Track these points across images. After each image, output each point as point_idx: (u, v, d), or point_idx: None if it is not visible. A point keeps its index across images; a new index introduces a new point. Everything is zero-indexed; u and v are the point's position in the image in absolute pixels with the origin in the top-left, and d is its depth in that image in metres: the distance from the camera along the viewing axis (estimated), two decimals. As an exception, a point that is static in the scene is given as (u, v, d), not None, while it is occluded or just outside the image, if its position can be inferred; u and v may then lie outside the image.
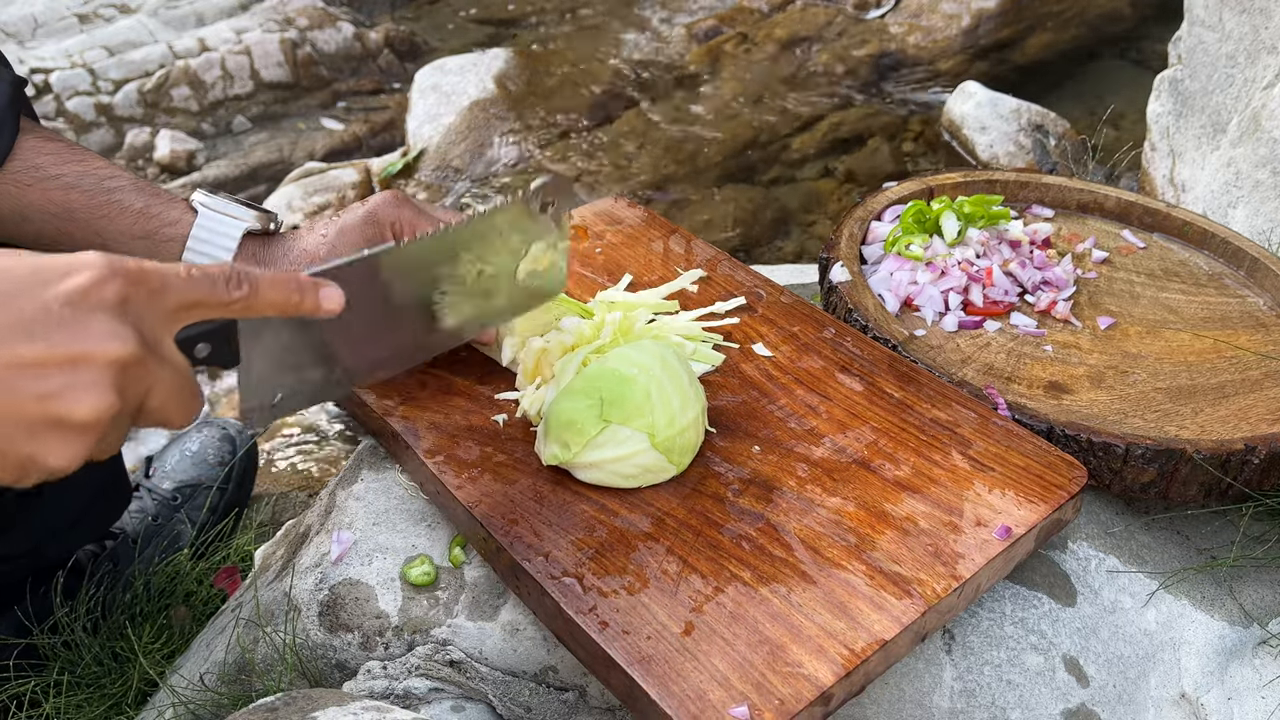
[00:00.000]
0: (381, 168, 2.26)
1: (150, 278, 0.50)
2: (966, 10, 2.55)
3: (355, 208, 0.80)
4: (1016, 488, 0.74)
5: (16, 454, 0.47)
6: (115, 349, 0.47)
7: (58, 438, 0.47)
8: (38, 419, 0.46)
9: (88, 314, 0.47)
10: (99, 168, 0.78)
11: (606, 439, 0.71)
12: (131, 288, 0.49)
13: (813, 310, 0.92)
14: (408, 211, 0.78)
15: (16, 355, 0.45)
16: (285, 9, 2.73)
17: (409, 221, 0.78)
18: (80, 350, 0.46)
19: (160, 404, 0.52)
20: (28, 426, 0.46)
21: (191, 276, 0.52)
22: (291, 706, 0.65)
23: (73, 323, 0.46)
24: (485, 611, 0.75)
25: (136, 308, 0.49)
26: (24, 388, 0.46)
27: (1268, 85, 1.39)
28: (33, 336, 0.46)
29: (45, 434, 0.47)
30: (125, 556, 1.14)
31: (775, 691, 0.60)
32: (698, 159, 2.25)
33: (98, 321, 0.47)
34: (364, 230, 0.78)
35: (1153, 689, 0.77)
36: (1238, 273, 1.06)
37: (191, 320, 0.53)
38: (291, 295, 0.57)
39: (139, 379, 0.49)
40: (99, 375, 0.47)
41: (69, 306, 0.47)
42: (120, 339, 0.47)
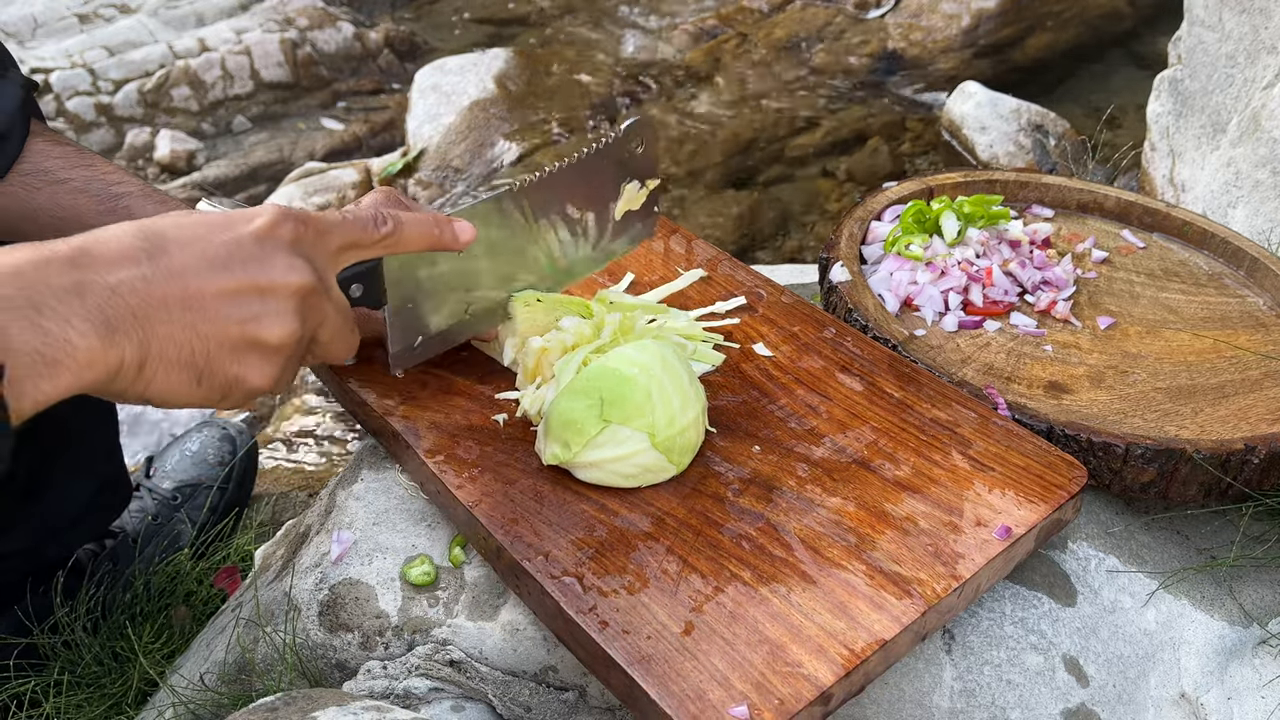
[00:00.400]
0: (381, 168, 2.26)
1: (314, 221, 0.58)
2: (966, 10, 2.55)
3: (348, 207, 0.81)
4: (1016, 488, 0.74)
5: (224, 373, 0.53)
6: (296, 279, 0.55)
7: (256, 358, 0.54)
8: (239, 341, 0.53)
9: (272, 250, 0.55)
10: (107, 173, 0.80)
11: (607, 439, 0.71)
12: (302, 228, 0.57)
13: (813, 310, 0.92)
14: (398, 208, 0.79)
15: (220, 285, 0.52)
16: (285, 9, 2.73)
17: None
18: (269, 280, 0.54)
19: (329, 337, 0.60)
20: (231, 348, 0.53)
21: (346, 219, 0.60)
22: (291, 706, 0.65)
23: (261, 257, 0.54)
24: (485, 611, 0.76)
25: (307, 246, 0.57)
26: (228, 313, 0.53)
27: (1268, 85, 1.39)
28: (231, 269, 0.53)
29: (246, 355, 0.54)
30: (125, 556, 1.14)
31: (775, 691, 0.60)
32: (697, 159, 2.25)
33: (280, 256, 0.55)
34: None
35: (1153, 689, 0.77)
36: (1237, 272, 1.06)
37: (350, 261, 0.61)
38: (430, 230, 0.65)
39: (315, 309, 0.57)
40: (285, 303, 0.55)
41: (256, 244, 0.54)
42: (299, 271, 0.55)
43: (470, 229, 0.68)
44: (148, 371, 0.51)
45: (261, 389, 0.55)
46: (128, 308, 0.49)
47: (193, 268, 0.52)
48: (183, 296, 0.51)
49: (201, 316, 0.52)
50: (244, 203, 0.84)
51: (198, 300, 0.52)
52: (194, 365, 0.52)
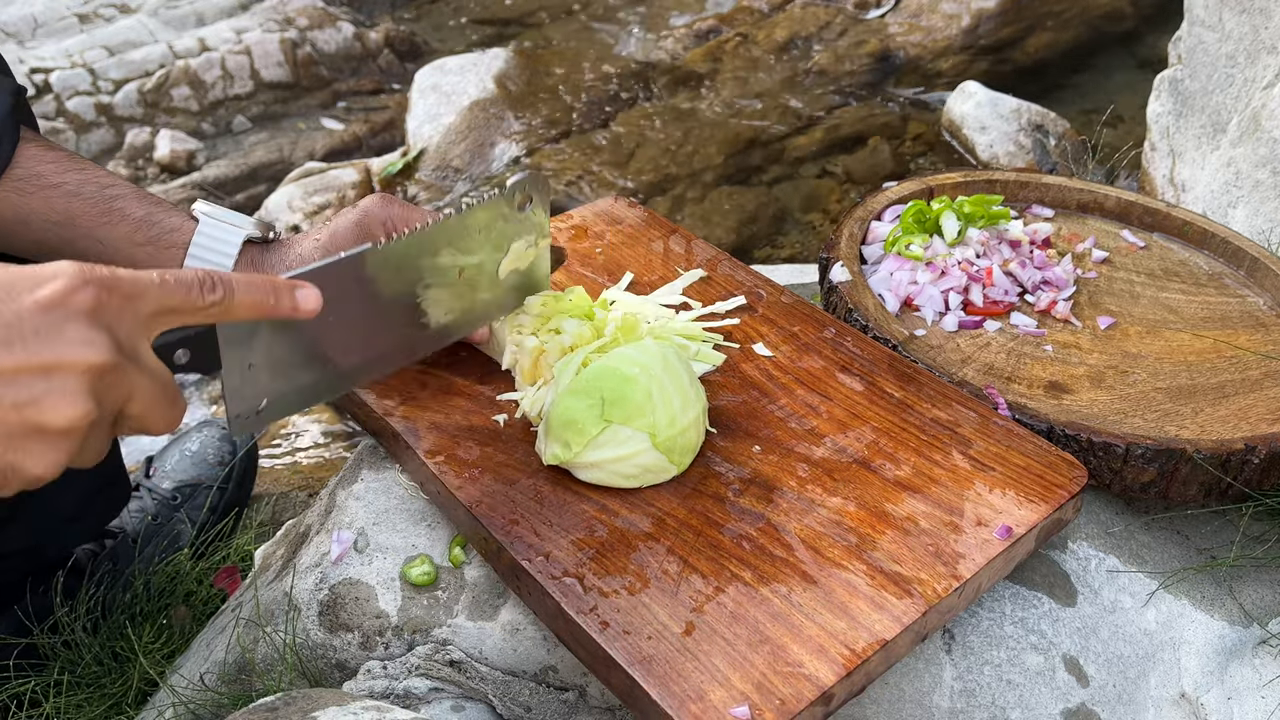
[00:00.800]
0: (381, 168, 2.26)
1: (123, 284, 0.50)
2: (966, 10, 2.55)
3: (347, 211, 0.81)
4: (1017, 488, 0.74)
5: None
6: (89, 355, 0.48)
7: (36, 445, 0.48)
8: (15, 427, 0.47)
9: (61, 322, 0.47)
10: (100, 176, 0.79)
11: (607, 439, 0.71)
12: (104, 295, 0.49)
13: (813, 310, 0.92)
14: (397, 210, 0.79)
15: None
16: (285, 9, 2.73)
17: (399, 220, 0.79)
18: (54, 358, 0.47)
19: (141, 411, 0.52)
20: (5, 435, 0.47)
21: (165, 282, 0.52)
22: (291, 706, 0.65)
23: (46, 331, 0.47)
24: (485, 611, 0.75)
25: (110, 315, 0.49)
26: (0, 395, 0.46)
27: (1268, 85, 1.39)
28: (8, 345, 0.46)
29: (24, 442, 0.47)
30: (125, 556, 1.14)
31: (776, 691, 0.60)
32: (697, 159, 2.25)
33: (71, 329, 0.47)
34: (356, 232, 0.79)
35: (1153, 689, 0.77)
36: (1238, 272, 1.06)
37: (167, 326, 0.54)
38: (267, 298, 0.57)
39: (115, 385, 0.50)
40: (74, 382, 0.47)
41: (42, 315, 0.47)
42: (94, 345, 0.48)
43: (315, 296, 0.59)
44: None
45: (44, 477, 0.49)
46: None
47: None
48: None
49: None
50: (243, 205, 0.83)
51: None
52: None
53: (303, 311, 0.59)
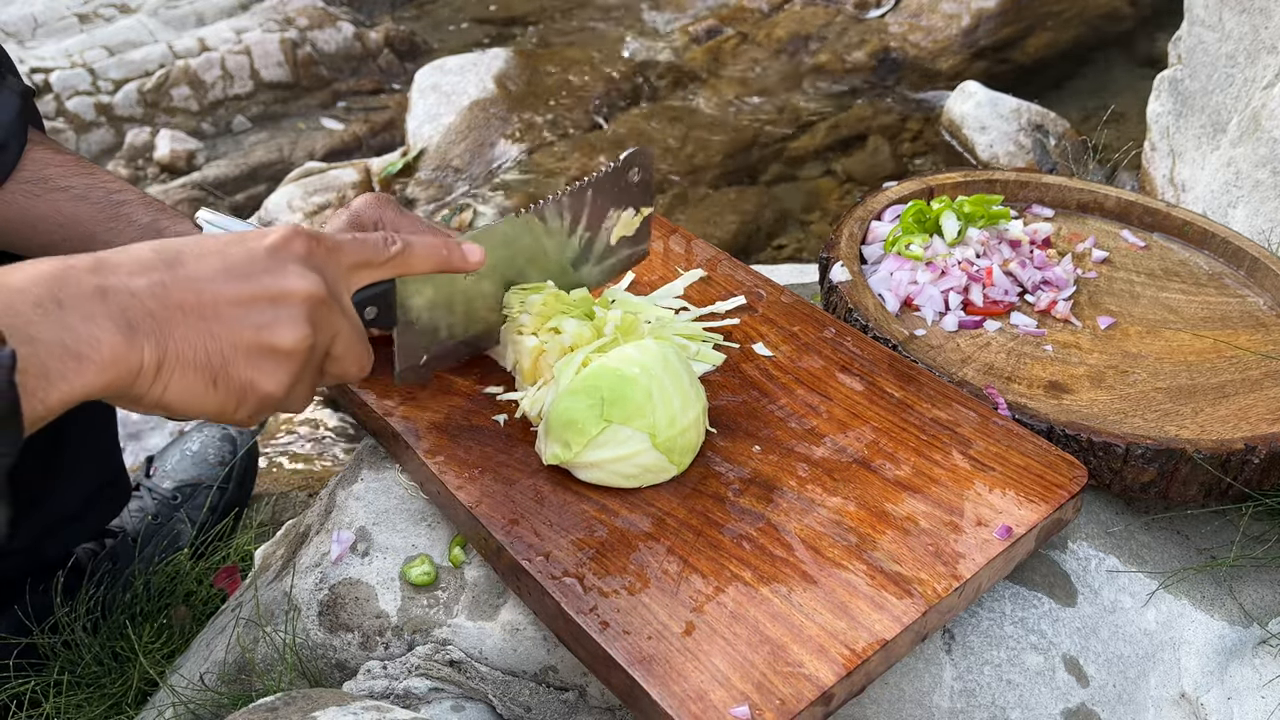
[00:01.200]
0: (381, 167, 2.26)
1: (326, 238, 0.61)
2: (966, 10, 2.55)
3: (340, 212, 0.82)
4: (1017, 487, 0.74)
5: (239, 377, 0.56)
6: (307, 287, 0.57)
7: (269, 363, 0.56)
8: (253, 346, 0.56)
9: (284, 261, 0.57)
10: (107, 181, 0.80)
11: (607, 439, 0.71)
12: (314, 244, 0.59)
13: (813, 310, 0.92)
14: (390, 212, 0.81)
15: (234, 292, 0.55)
16: (285, 9, 2.73)
17: (391, 222, 0.80)
18: (281, 288, 0.57)
19: (342, 352, 0.62)
20: (245, 353, 0.55)
21: (357, 239, 0.63)
22: (291, 706, 0.65)
23: (274, 268, 0.57)
24: (485, 611, 0.75)
25: (319, 260, 0.59)
26: (242, 319, 0.55)
27: (1268, 85, 1.39)
28: (245, 278, 0.56)
29: (259, 360, 0.56)
30: (125, 555, 1.14)
31: (776, 691, 0.60)
32: (697, 159, 2.25)
33: (292, 267, 0.58)
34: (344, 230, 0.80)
35: (1153, 689, 0.77)
36: (1238, 272, 1.06)
37: (362, 282, 0.64)
38: (440, 251, 0.67)
39: (327, 320, 0.59)
40: (298, 310, 0.57)
41: (269, 256, 0.57)
42: (310, 281, 0.58)
43: (479, 251, 0.70)
44: (165, 373, 0.53)
45: (275, 396, 0.57)
46: (146, 310, 0.52)
47: (207, 276, 0.55)
48: (198, 303, 0.54)
49: (216, 321, 0.54)
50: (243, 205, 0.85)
51: (212, 306, 0.54)
52: (209, 368, 0.54)
53: (470, 264, 0.69)
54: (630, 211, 0.86)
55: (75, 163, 0.80)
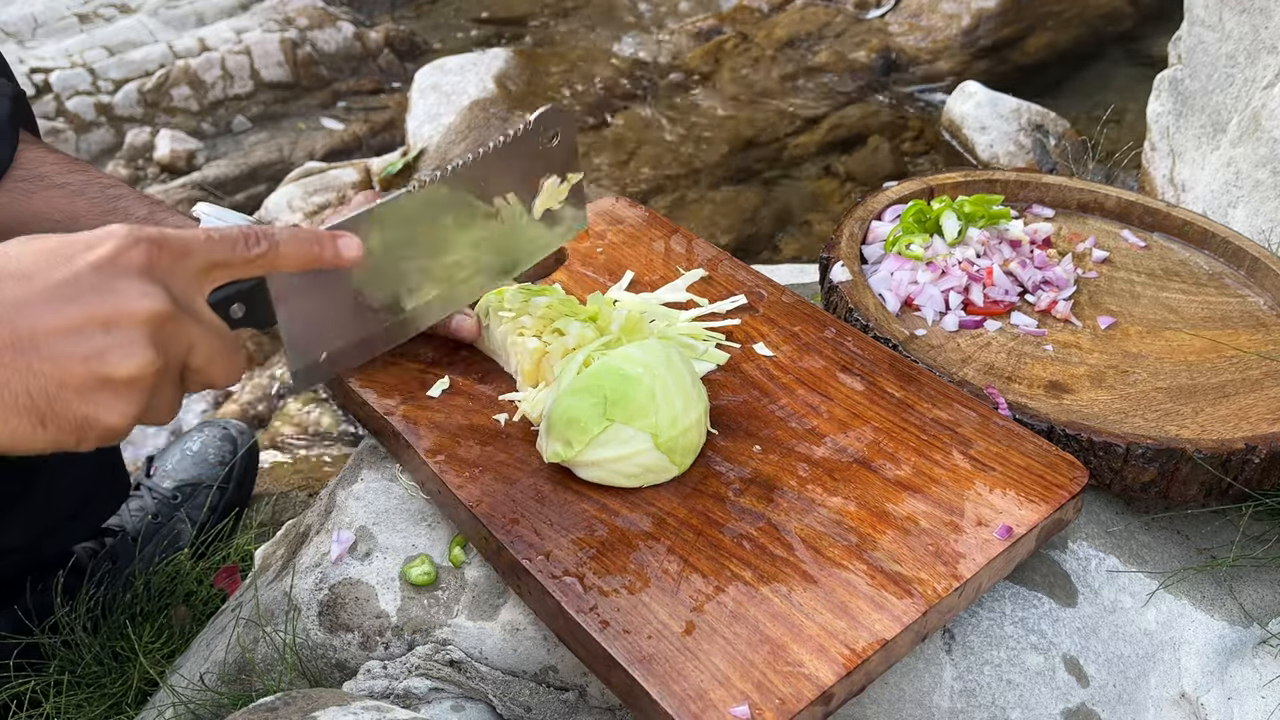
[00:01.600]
0: (381, 167, 2.26)
1: (171, 242, 0.53)
2: (966, 10, 2.55)
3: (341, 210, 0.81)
4: (1017, 487, 0.74)
5: (73, 415, 0.50)
6: (146, 306, 0.50)
7: (108, 396, 0.50)
8: (86, 380, 0.49)
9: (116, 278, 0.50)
10: (102, 178, 0.80)
11: (609, 438, 0.71)
12: (155, 251, 0.52)
13: (814, 310, 0.92)
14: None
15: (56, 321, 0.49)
16: (285, 9, 2.73)
17: None
18: (113, 310, 0.50)
19: (203, 363, 0.55)
20: (77, 388, 0.49)
21: (211, 239, 0.55)
22: (291, 706, 0.65)
23: (103, 287, 0.50)
24: (485, 611, 0.75)
25: (162, 270, 0.52)
26: (67, 351, 0.49)
27: (1268, 85, 1.39)
28: (69, 301, 0.49)
29: (96, 393, 0.50)
30: (125, 555, 1.14)
31: (776, 691, 0.60)
32: (697, 159, 2.25)
33: (126, 284, 0.50)
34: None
35: (1153, 689, 0.77)
36: (1238, 272, 1.06)
37: (218, 282, 0.57)
38: (311, 248, 0.60)
39: (176, 336, 0.53)
40: (135, 333, 0.50)
41: (98, 273, 0.50)
42: (149, 297, 0.51)
43: (355, 244, 0.62)
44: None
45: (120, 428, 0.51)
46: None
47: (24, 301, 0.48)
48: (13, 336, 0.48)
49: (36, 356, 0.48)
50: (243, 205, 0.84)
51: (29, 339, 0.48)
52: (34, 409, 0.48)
53: (345, 259, 0.62)
54: (555, 179, 0.77)
55: (70, 161, 0.80)
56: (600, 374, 0.73)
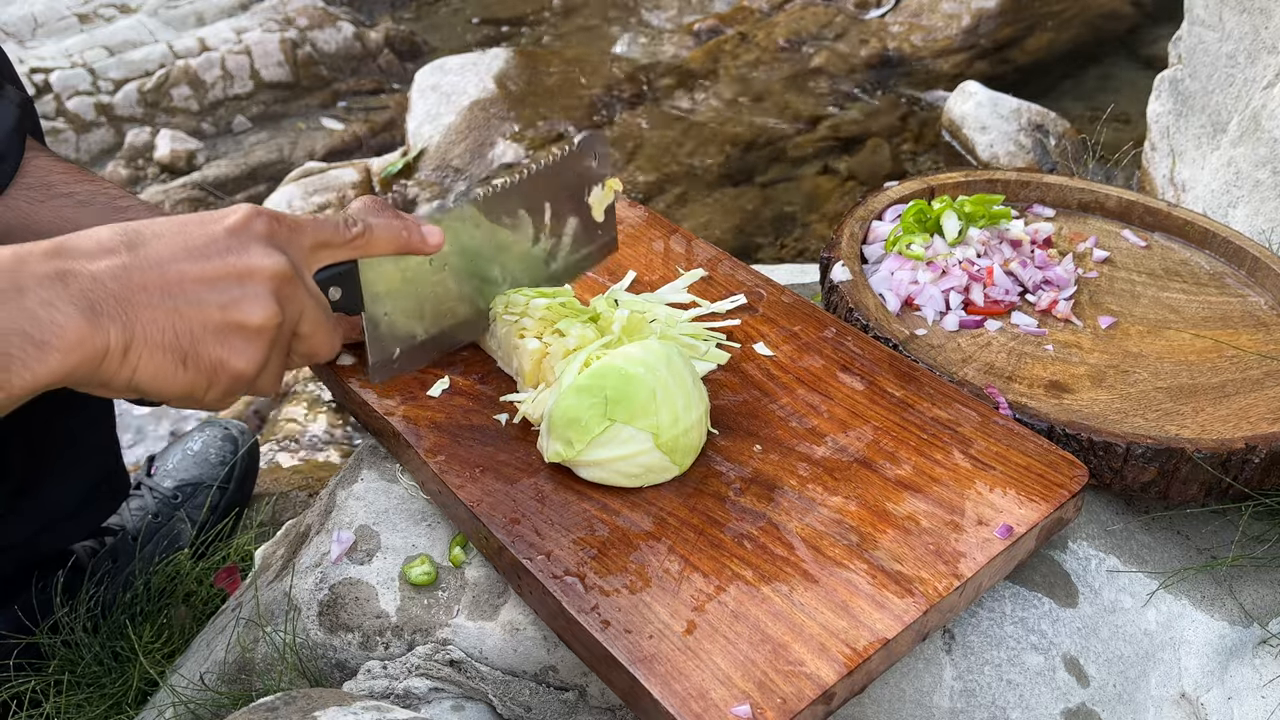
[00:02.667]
0: (381, 167, 2.26)
1: (286, 218, 0.61)
2: (966, 10, 2.55)
3: None
4: (1018, 487, 0.74)
5: (209, 356, 0.56)
6: (272, 265, 0.58)
7: (239, 340, 0.57)
8: (221, 325, 0.56)
9: (248, 241, 0.58)
10: (109, 188, 0.81)
11: (610, 438, 0.71)
12: (275, 224, 0.60)
13: (814, 310, 0.92)
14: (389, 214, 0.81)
15: (198, 271, 0.55)
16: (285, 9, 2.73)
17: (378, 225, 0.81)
18: (246, 266, 0.57)
19: (309, 330, 0.62)
20: (214, 331, 0.56)
21: (317, 220, 0.64)
22: (292, 706, 0.65)
23: (237, 247, 0.57)
24: (485, 611, 0.75)
25: (281, 240, 0.60)
26: (208, 298, 0.55)
27: (1268, 85, 1.39)
28: (210, 257, 0.56)
29: (228, 337, 0.56)
30: (125, 554, 1.14)
31: (777, 690, 0.60)
32: (697, 159, 2.25)
33: (256, 246, 0.58)
34: None
35: (1153, 689, 0.76)
36: (1239, 272, 1.06)
37: (323, 262, 0.64)
38: (400, 233, 0.68)
39: (292, 297, 0.60)
40: (263, 287, 0.57)
41: (232, 235, 0.57)
42: (274, 259, 0.58)
43: (438, 232, 0.70)
44: (133, 355, 0.52)
45: (246, 374, 0.57)
46: (109, 293, 0.51)
47: (171, 256, 0.54)
48: (163, 282, 0.54)
49: (183, 300, 0.54)
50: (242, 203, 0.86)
51: (178, 286, 0.54)
52: (178, 348, 0.54)
53: (430, 246, 0.70)
54: (598, 189, 0.87)
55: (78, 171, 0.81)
56: (601, 374, 0.73)
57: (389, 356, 0.77)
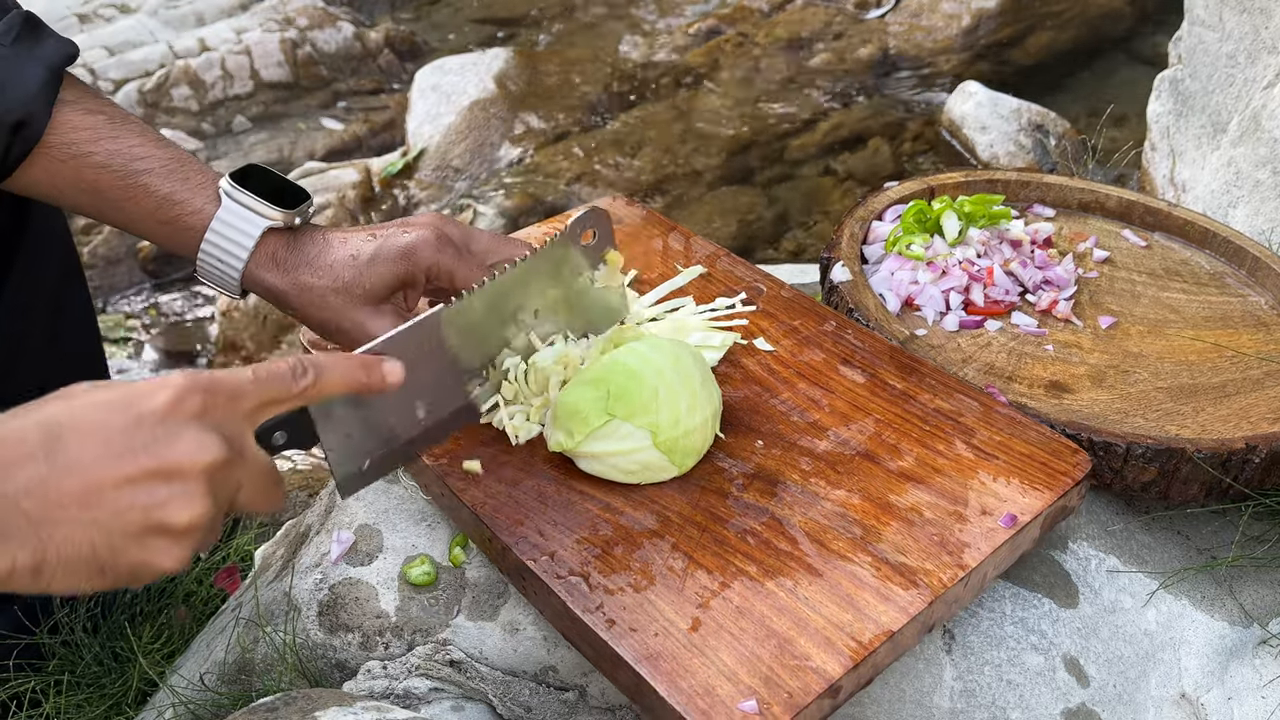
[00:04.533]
0: (381, 167, 2.26)
1: (224, 386, 0.55)
2: (966, 10, 2.55)
3: (395, 235, 0.77)
4: (1021, 475, 0.74)
5: (129, 562, 0.51)
6: (204, 457, 0.52)
7: (165, 542, 0.52)
8: (144, 528, 0.51)
9: (177, 428, 0.52)
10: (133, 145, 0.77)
11: (609, 432, 0.71)
12: (210, 398, 0.53)
13: (813, 304, 0.92)
14: (448, 257, 0.76)
15: (120, 473, 0.50)
16: (285, 9, 2.72)
17: (447, 270, 0.76)
18: (173, 462, 0.51)
19: (248, 499, 0.57)
20: (136, 536, 0.51)
21: (259, 379, 0.57)
22: (292, 706, 0.65)
23: (164, 437, 0.51)
24: (485, 611, 0.75)
25: (217, 416, 0.54)
26: (130, 502, 0.50)
27: (1268, 85, 1.39)
28: (133, 452, 0.50)
29: (153, 540, 0.51)
30: (125, 555, 1.13)
31: (784, 685, 0.60)
32: (697, 159, 2.25)
33: (186, 433, 0.52)
34: (397, 266, 0.75)
35: (1153, 689, 0.76)
36: (1239, 272, 1.06)
37: (267, 417, 0.58)
38: (356, 375, 0.61)
39: (227, 481, 0.54)
40: (194, 484, 0.52)
41: (158, 424, 0.51)
42: (208, 447, 0.52)
43: (399, 370, 0.62)
44: (45, 574, 0.49)
45: (172, 570, 0.53)
46: (23, 514, 0.48)
47: (91, 459, 0.50)
48: (82, 493, 0.49)
49: (100, 510, 0.50)
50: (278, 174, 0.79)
51: (96, 494, 0.50)
52: (95, 560, 0.50)
53: (390, 385, 0.62)
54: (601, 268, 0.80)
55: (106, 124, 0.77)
56: (608, 369, 0.73)
57: (357, 471, 0.67)
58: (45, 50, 0.77)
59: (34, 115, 0.75)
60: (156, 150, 0.78)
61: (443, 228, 0.77)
